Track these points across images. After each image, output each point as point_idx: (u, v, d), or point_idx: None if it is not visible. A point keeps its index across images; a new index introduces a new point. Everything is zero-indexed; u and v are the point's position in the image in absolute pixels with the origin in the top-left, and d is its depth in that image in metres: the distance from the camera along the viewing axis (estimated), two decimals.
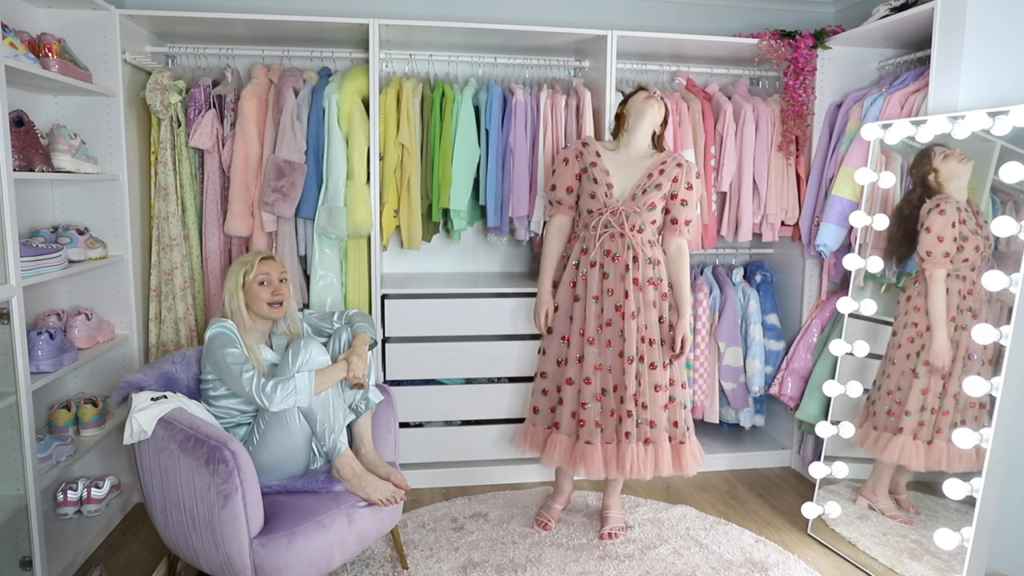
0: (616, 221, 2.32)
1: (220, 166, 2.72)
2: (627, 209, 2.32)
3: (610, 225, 2.33)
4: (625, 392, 2.33)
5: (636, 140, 2.37)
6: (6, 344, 1.85)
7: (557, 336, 2.43)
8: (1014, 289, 1.87)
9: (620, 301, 2.33)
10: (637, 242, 2.32)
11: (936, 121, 2.16)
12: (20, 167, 2.01)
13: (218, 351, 1.97)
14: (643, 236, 2.34)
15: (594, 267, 2.34)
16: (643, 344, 2.34)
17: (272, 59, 2.94)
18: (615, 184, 2.35)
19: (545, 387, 2.48)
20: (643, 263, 2.32)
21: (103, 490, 2.45)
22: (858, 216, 2.46)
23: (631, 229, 2.32)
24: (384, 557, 2.31)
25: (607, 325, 2.34)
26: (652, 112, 2.35)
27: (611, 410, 2.36)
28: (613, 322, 2.34)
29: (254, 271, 2.06)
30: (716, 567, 2.31)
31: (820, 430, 2.54)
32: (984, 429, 1.92)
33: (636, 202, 2.32)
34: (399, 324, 2.78)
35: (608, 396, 2.36)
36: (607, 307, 2.34)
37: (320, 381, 1.95)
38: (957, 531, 1.95)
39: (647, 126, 2.36)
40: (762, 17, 3.35)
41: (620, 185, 2.35)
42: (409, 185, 2.81)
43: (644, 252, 2.33)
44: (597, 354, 2.36)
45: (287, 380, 1.91)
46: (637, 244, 2.32)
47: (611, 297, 2.34)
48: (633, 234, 2.32)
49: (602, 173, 2.35)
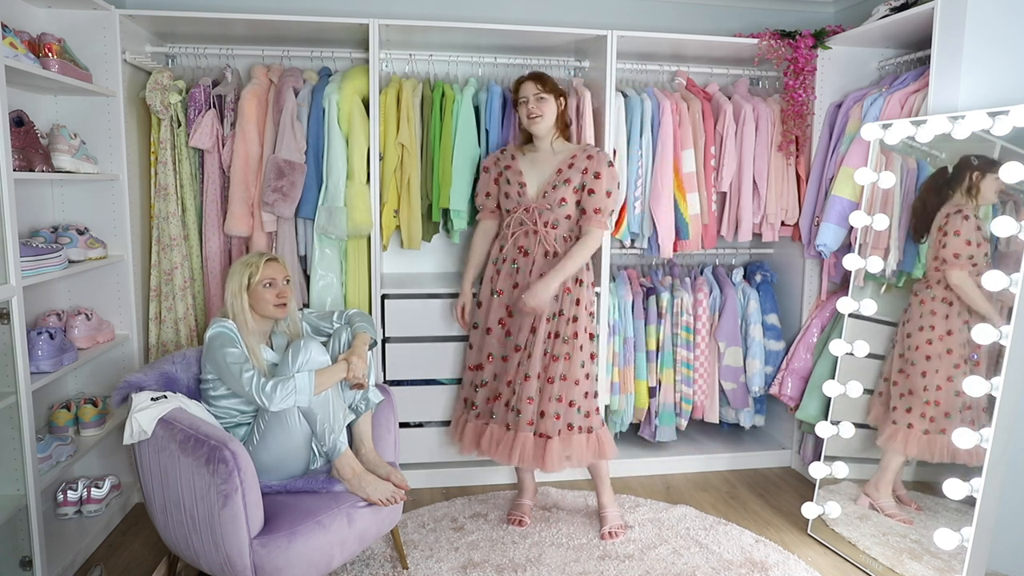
0: (529, 219, 2.42)
1: (220, 166, 2.72)
2: (539, 206, 2.40)
3: (524, 223, 2.43)
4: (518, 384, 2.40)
5: (536, 140, 2.48)
6: (6, 344, 1.85)
7: (481, 330, 2.53)
8: (1014, 289, 1.87)
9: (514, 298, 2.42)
10: (549, 238, 2.40)
11: (936, 121, 2.16)
12: (20, 167, 2.01)
13: (218, 351, 1.97)
14: (557, 232, 2.41)
15: (505, 263, 2.46)
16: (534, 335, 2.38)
17: (272, 59, 2.94)
18: (528, 183, 2.44)
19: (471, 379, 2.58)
20: (551, 258, 2.39)
21: (103, 490, 2.45)
22: (858, 216, 2.46)
23: (544, 225, 2.40)
24: (384, 557, 2.31)
25: (510, 316, 2.46)
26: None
27: (506, 401, 2.43)
28: (515, 315, 2.43)
29: (260, 273, 2.06)
30: (716, 567, 2.31)
31: (820, 430, 2.54)
32: (984, 429, 1.92)
33: (547, 199, 2.40)
34: (399, 324, 2.78)
35: (499, 384, 2.45)
36: (514, 300, 2.43)
37: (320, 381, 1.95)
38: (957, 531, 1.95)
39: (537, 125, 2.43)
40: (762, 17, 3.35)
41: (532, 184, 2.44)
42: (409, 185, 2.81)
43: (554, 247, 2.40)
44: (496, 344, 2.47)
45: (287, 380, 1.91)
46: (548, 240, 2.40)
47: (517, 291, 2.42)
48: (547, 230, 2.40)
49: (515, 175, 2.46)
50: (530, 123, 2.43)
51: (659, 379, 3.05)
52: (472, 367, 2.57)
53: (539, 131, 2.44)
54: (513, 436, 2.40)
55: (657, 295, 3.05)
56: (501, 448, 2.42)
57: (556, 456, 2.36)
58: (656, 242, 2.93)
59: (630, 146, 2.87)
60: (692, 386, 3.06)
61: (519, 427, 2.39)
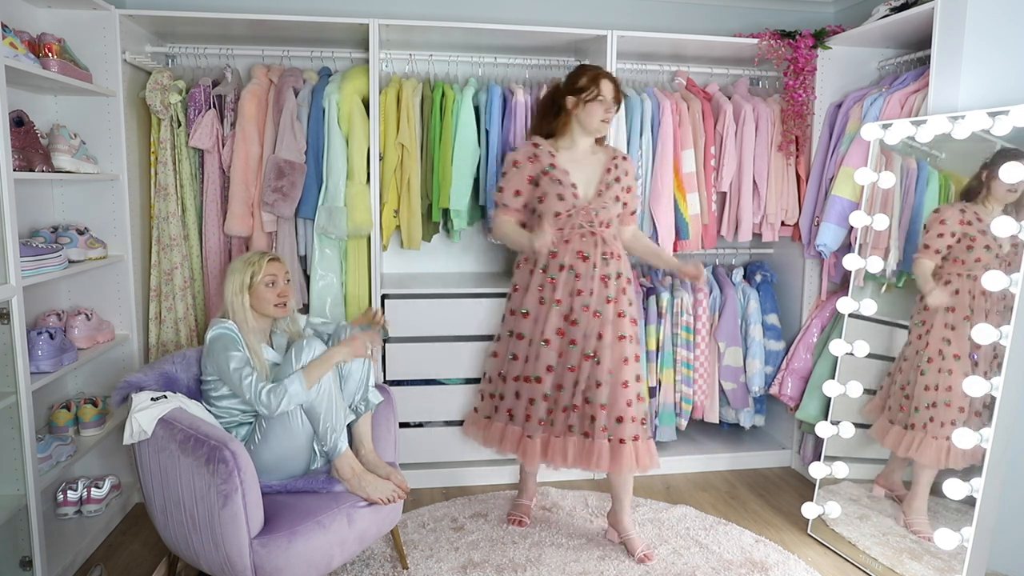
0: (586, 220, 2.29)
1: (220, 166, 2.72)
2: (595, 206, 2.30)
3: (581, 225, 2.29)
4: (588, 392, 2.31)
5: (587, 139, 2.37)
6: (6, 344, 1.85)
7: (513, 338, 2.39)
8: (1014, 289, 1.87)
9: (588, 300, 2.30)
10: (607, 238, 2.32)
11: (936, 121, 2.16)
12: (20, 167, 2.01)
13: (221, 354, 1.97)
14: (609, 232, 2.34)
15: (563, 270, 2.30)
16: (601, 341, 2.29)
17: (272, 59, 2.94)
18: (577, 183, 2.31)
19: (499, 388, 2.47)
20: (610, 260, 2.32)
21: (103, 490, 2.45)
22: (858, 216, 2.46)
23: (600, 226, 2.31)
24: (384, 557, 2.31)
25: (572, 325, 2.31)
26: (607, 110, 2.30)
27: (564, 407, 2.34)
28: (579, 321, 2.30)
29: (262, 272, 2.06)
30: (716, 567, 2.30)
31: (820, 430, 2.54)
32: (984, 429, 1.92)
33: (602, 198, 2.31)
34: (399, 324, 2.78)
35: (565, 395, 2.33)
36: (576, 307, 2.30)
37: (312, 374, 1.94)
38: (957, 531, 1.95)
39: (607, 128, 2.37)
40: (762, 17, 3.35)
41: (581, 184, 2.32)
42: (409, 185, 2.81)
43: (610, 248, 2.32)
44: (553, 356, 2.32)
45: (278, 387, 1.91)
46: (607, 240, 2.32)
47: (579, 297, 2.30)
48: (602, 231, 2.31)
49: (563, 174, 2.30)
50: (603, 126, 2.31)
51: (659, 379, 3.05)
52: (525, 378, 2.37)
53: (606, 132, 2.39)
54: (591, 444, 2.29)
55: (657, 295, 3.05)
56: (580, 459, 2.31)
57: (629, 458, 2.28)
58: (656, 242, 2.93)
59: (630, 146, 2.87)
60: (692, 386, 3.06)
61: (595, 434, 2.28)
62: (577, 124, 2.33)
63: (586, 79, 2.29)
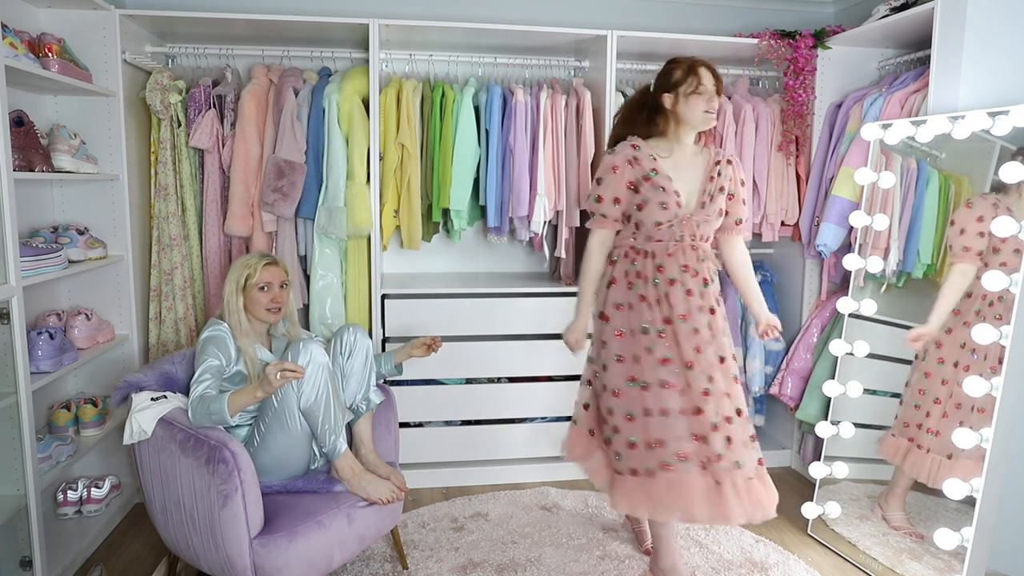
0: (688, 232, 2.03)
1: (220, 166, 2.72)
2: (698, 218, 2.03)
3: (683, 238, 2.03)
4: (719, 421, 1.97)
5: (690, 137, 2.09)
6: (6, 344, 1.85)
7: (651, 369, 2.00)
8: (1014, 289, 1.87)
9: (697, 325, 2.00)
10: (709, 254, 2.08)
11: (936, 121, 2.16)
12: (20, 167, 2.01)
13: (199, 355, 1.99)
14: (708, 245, 2.09)
15: (673, 284, 2.01)
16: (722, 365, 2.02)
17: (272, 59, 2.94)
18: (680, 191, 2.03)
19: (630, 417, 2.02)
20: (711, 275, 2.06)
21: (103, 490, 2.45)
22: (858, 216, 2.46)
23: (702, 240, 2.06)
24: (384, 557, 2.31)
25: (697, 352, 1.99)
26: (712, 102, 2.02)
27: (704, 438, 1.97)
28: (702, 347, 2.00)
29: (256, 276, 2.06)
30: (716, 567, 2.30)
31: (820, 430, 2.54)
32: (984, 429, 1.92)
33: (706, 210, 2.03)
34: (399, 324, 2.78)
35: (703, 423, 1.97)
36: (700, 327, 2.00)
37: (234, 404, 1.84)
38: (957, 531, 1.95)
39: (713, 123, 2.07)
40: (762, 17, 3.35)
41: (683, 191, 2.03)
42: (409, 185, 2.81)
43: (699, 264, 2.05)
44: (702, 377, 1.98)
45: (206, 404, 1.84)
46: (696, 256, 2.04)
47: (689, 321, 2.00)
48: (705, 245, 2.07)
49: (665, 180, 2.01)
50: (708, 117, 2.02)
51: None
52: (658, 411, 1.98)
53: (711, 127, 2.08)
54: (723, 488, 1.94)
55: None
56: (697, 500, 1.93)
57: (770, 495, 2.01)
58: None
59: None
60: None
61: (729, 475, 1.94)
62: (678, 122, 2.05)
63: (681, 71, 2.03)
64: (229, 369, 2.01)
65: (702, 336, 2.00)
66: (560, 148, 2.87)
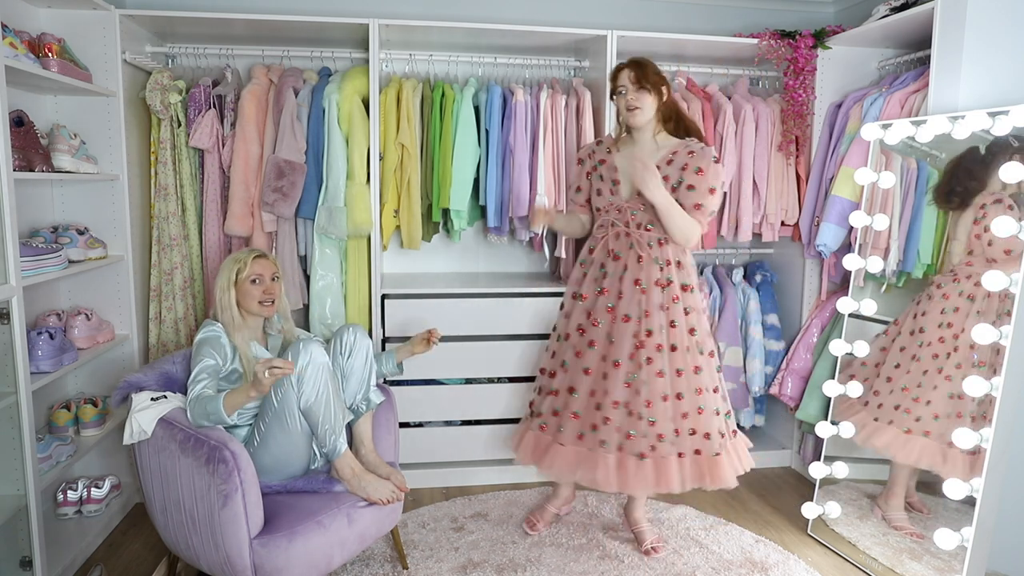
0: (621, 219, 2.26)
1: (220, 166, 2.72)
2: (632, 206, 2.25)
3: (615, 224, 2.27)
4: (604, 398, 2.21)
5: (646, 134, 2.27)
6: (6, 344, 1.85)
7: (560, 334, 2.40)
8: (1014, 289, 1.87)
9: (612, 302, 2.25)
10: (643, 241, 2.23)
11: (936, 121, 2.16)
12: (20, 167, 2.01)
13: (194, 356, 1.99)
14: (651, 234, 2.23)
15: (592, 266, 2.31)
16: (642, 350, 2.20)
17: (272, 59, 2.94)
18: (622, 180, 2.27)
19: (540, 384, 2.46)
20: (648, 263, 2.22)
21: (103, 490, 2.45)
22: (858, 216, 2.46)
23: (637, 227, 2.24)
24: (384, 557, 2.31)
25: (593, 325, 2.27)
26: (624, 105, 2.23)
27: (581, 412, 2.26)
28: (601, 323, 2.26)
29: (247, 269, 2.07)
30: (716, 567, 2.30)
31: (820, 430, 2.54)
32: (984, 429, 1.92)
33: (641, 198, 2.20)
34: (399, 324, 2.78)
35: (578, 398, 2.26)
36: (598, 307, 2.27)
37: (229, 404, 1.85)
38: (957, 531, 1.95)
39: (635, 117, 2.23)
40: (762, 17, 3.35)
41: (627, 181, 2.25)
42: (409, 185, 2.81)
43: (650, 252, 2.22)
44: (570, 353, 2.31)
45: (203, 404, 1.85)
46: (642, 243, 2.22)
47: (603, 297, 2.26)
48: (639, 232, 2.23)
49: (610, 171, 2.30)
50: (629, 115, 2.22)
51: None
52: (542, 370, 2.45)
53: (638, 123, 2.23)
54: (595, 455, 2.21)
55: None
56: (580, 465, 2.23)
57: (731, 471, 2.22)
58: None
59: None
60: None
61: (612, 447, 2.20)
62: (622, 122, 2.31)
63: (611, 80, 2.30)
64: (225, 368, 2.01)
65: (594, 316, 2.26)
66: (560, 148, 2.87)
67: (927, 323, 2.24)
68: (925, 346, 2.23)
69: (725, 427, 2.29)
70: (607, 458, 2.20)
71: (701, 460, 2.23)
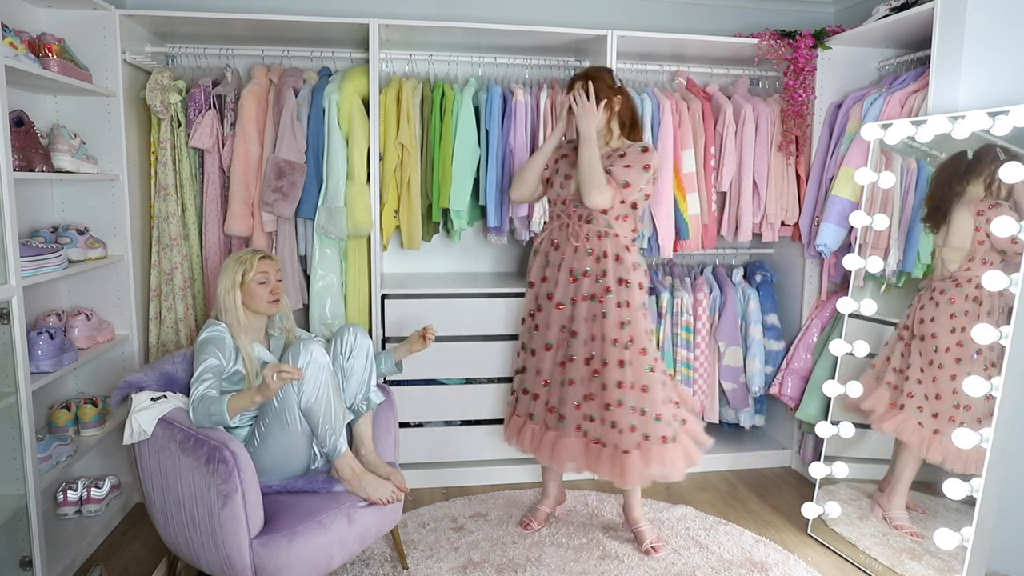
0: (565, 212, 2.35)
1: (220, 166, 2.72)
2: (574, 199, 2.32)
3: (560, 216, 2.37)
4: (536, 377, 2.40)
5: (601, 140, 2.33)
6: (6, 344, 1.85)
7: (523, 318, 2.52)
8: (1014, 289, 1.87)
9: (551, 290, 2.35)
10: (581, 232, 2.29)
11: (936, 121, 2.16)
12: (20, 167, 2.01)
13: (198, 356, 1.99)
14: (590, 227, 2.28)
15: (540, 255, 2.42)
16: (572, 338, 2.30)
17: (272, 59, 2.94)
18: (573, 177, 2.32)
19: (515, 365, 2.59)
20: (582, 254, 2.29)
21: (103, 490, 2.45)
22: (858, 216, 2.46)
23: (578, 219, 2.31)
24: (384, 557, 2.31)
25: (538, 311, 2.41)
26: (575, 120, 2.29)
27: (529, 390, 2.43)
28: (544, 309, 2.38)
29: (254, 270, 2.07)
30: (716, 567, 2.31)
31: (820, 430, 2.54)
32: (984, 429, 1.92)
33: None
34: (399, 324, 2.78)
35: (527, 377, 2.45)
36: (541, 294, 2.39)
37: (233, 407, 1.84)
38: (957, 531, 1.95)
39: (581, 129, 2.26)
40: (762, 17, 3.35)
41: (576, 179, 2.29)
42: (409, 185, 2.81)
43: (586, 243, 2.28)
44: (527, 335, 2.46)
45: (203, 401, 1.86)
46: (579, 234, 2.29)
47: (545, 285, 2.38)
48: (579, 224, 2.30)
49: (567, 165, 2.37)
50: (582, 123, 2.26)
51: None
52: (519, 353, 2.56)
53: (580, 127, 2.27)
54: (555, 439, 2.35)
55: (657, 295, 3.05)
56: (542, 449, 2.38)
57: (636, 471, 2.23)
58: (656, 242, 2.93)
59: None
60: (692, 386, 3.06)
61: (563, 432, 2.32)
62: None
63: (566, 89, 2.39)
64: (228, 369, 2.02)
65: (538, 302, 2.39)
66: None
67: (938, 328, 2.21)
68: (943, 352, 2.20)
69: (651, 429, 2.25)
70: (536, 432, 2.40)
71: (603, 451, 2.28)
